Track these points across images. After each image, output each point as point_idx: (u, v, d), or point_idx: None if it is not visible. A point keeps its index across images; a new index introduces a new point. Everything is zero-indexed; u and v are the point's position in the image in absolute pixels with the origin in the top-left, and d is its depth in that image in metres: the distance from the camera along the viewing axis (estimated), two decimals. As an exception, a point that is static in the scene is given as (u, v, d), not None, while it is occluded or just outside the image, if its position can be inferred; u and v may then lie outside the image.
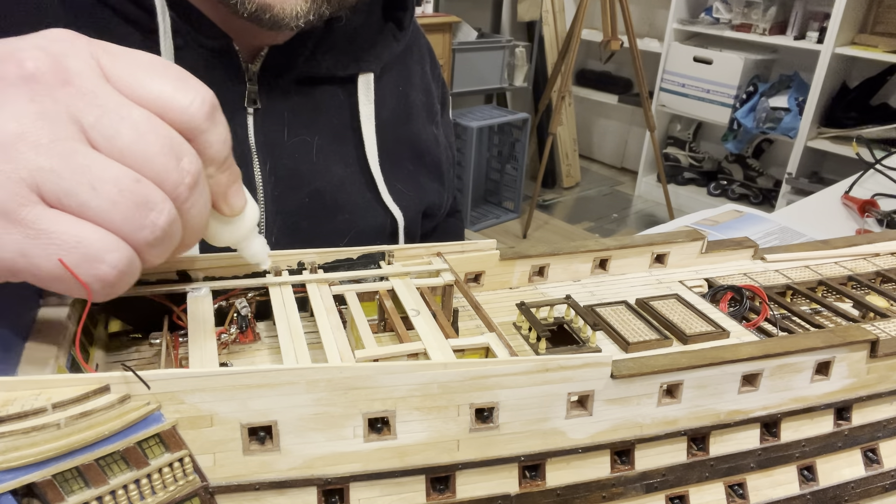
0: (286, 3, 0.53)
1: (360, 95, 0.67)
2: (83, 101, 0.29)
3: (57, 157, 0.27)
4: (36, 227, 0.27)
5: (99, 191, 0.28)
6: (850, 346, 0.45)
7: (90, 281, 0.29)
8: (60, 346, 0.36)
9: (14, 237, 0.27)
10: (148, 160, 0.30)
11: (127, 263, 0.30)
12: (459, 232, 0.91)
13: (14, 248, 0.27)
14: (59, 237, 0.28)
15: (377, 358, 0.38)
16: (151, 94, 0.30)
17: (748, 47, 3.22)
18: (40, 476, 0.28)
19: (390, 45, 0.69)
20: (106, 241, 0.29)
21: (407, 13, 0.71)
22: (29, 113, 0.27)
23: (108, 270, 0.29)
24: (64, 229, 0.28)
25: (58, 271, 0.28)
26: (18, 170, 0.27)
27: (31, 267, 0.28)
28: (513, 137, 3.30)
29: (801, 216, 1.18)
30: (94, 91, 0.29)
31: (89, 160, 0.28)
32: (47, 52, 0.29)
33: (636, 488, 0.42)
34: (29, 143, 0.27)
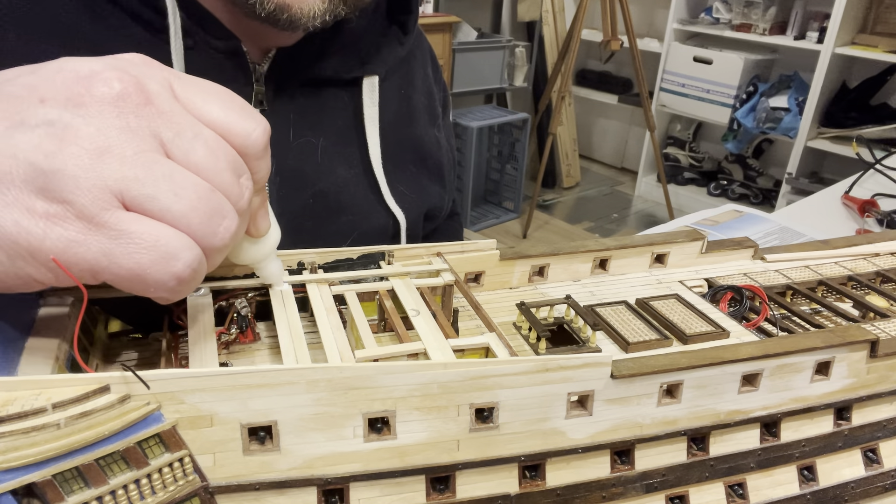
0: (304, 4, 0.54)
1: (365, 98, 0.67)
2: (162, 119, 0.31)
3: (140, 166, 0.30)
4: (117, 229, 0.30)
5: (180, 197, 0.31)
6: (850, 346, 0.45)
7: (164, 279, 0.31)
8: (60, 347, 0.36)
9: (97, 238, 0.29)
10: (216, 174, 0.32)
11: (199, 263, 0.32)
12: (459, 234, 0.91)
13: (98, 249, 0.29)
14: (139, 237, 0.30)
15: (377, 358, 0.38)
16: (218, 119, 0.34)
17: (748, 47, 3.22)
18: (40, 476, 0.28)
19: (395, 48, 0.70)
20: (182, 241, 0.31)
21: (411, 17, 0.71)
22: (115, 128, 0.30)
23: (182, 268, 0.31)
24: (143, 230, 0.30)
25: (137, 269, 0.30)
26: (104, 178, 0.29)
27: (112, 265, 0.30)
28: (513, 137, 3.30)
29: (801, 216, 1.18)
30: (172, 111, 0.32)
31: (171, 170, 0.31)
32: (130, 75, 0.31)
33: (636, 488, 0.42)
34: (115, 154, 0.30)
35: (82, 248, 0.29)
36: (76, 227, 0.29)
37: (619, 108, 3.93)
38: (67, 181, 0.29)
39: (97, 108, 0.30)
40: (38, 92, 0.30)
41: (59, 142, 0.29)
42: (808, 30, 2.99)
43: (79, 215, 0.29)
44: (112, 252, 0.30)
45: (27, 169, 0.29)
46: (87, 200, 0.29)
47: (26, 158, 0.29)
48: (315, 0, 0.54)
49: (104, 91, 0.30)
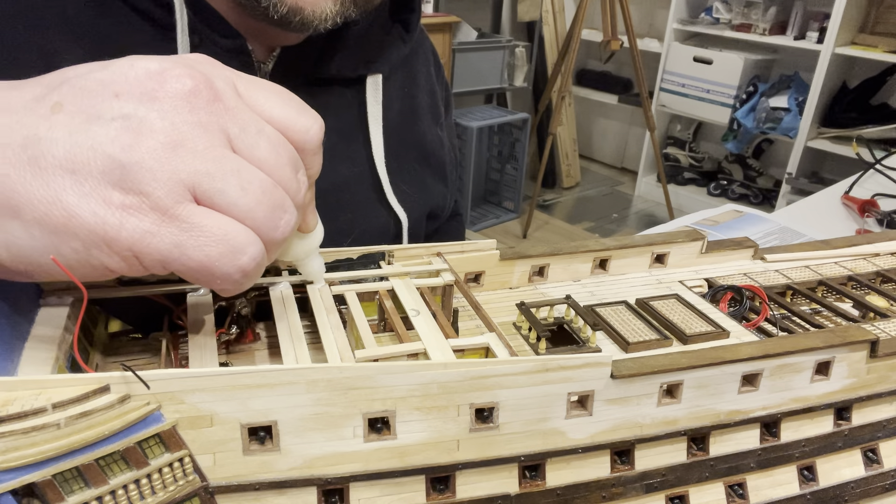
0: (317, 6, 0.54)
1: (369, 96, 0.67)
2: (229, 116, 0.32)
3: (211, 161, 0.31)
4: (189, 222, 0.31)
5: (247, 191, 0.32)
6: (850, 346, 0.45)
7: (230, 271, 0.32)
8: (60, 346, 0.36)
9: (170, 230, 0.30)
10: (278, 169, 0.33)
11: (262, 257, 0.33)
12: (460, 235, 0.91)
13: (170, 240, 0.30)
14: (207, 230, 0.31)
15: (377, 358, 0.38)
16: (278, 116, 0.35)
17: (748, 47, 3.22)
18: (40, 476, 0.28)
19: (398, 46, 0.70)
20: (247, 235, 0.32)
21: (414, 15, 0.71)
22: (188, 123, 0.31)
23: (248, 261, 0.32)
24: (213, 224, 0.31)
25: (206, 261, 0.31)
26: (178, 172, 0.30)
27: (183, 257, 0.31)
28: (513, 137, 3.30)
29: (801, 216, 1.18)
30: (237, 108, 0.33)
31: (239, 165, 0.32)
32: (200, 72, 0.32)
33: (636, 488, 0.42)
34: (188, 148, 0.31)
35: (156, 239, 0.30)
36: (151, 218, 0.30)
37: (619, 108, 3.93)
38: (144, 174, 0.30)
39: (170, 103, 0.31)
40: (113, 87, 0.31)
41: (135, 135, 0.30)
42: (808, 30, 2.99)
43: (153, 207, 0.30)
44: (184, 244, 0.31)
45: (105, 161, 0.29)
46: (163, 193, 0.30)
47: (104, 151, 0.29)
48: (327, 2, 0.55)
49: (177, 87, 0.31)
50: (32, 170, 0.29)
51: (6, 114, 0.30)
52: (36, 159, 0.29)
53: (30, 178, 0.29)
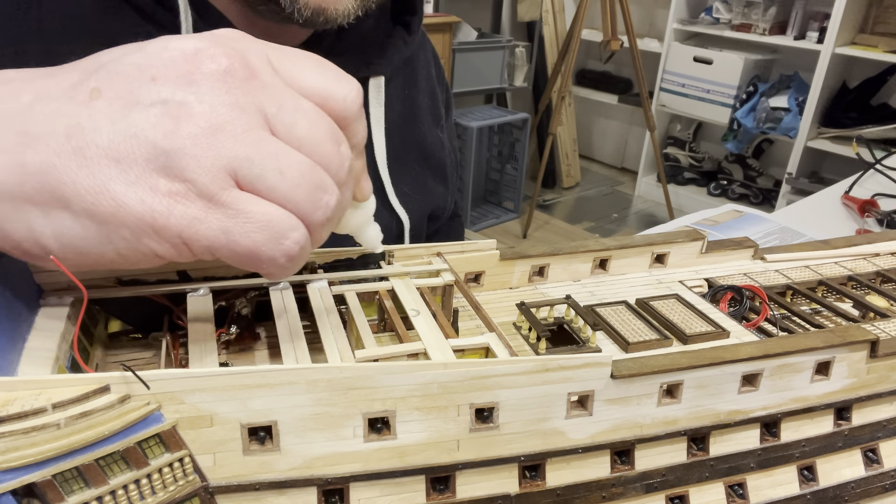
0: (339, 4, 0.55)
1: (371, 98, 0.68)
2: (265, 94, 0.32)
3: (250, 145, 0.31)
4: (235, 208, 0.30)
5: (285, 175, 0.31)
6: (850, 346, 0.45)
7: (276, 256, 0.32)
8: (60, 347, 0.36)
9: (217, 216, 0.30)
10: (318, 146, 0.33)
11: (306, 240, 0.33)
12: (460, 235, 0.91)
13: (217, 226, 0.30)
14: (252, 216, 0.31)
15: (377, 358, 0.38)
16: (314, 87, 0.34)
17: (748, 47, 3.22)
18: (40, 476, 0.28)
19: (400, 48, 0.70)
20: (290, 220, 0.32)
21: (416, 17, 0.71)
22: (226, 104, 0.30)
23: (291, 246, 0.32)
24: (257, 209, 0.31)
25: (252, 247, 0.31)
26: (220, 157, 0.30)
27: (230, 243, 0.31)
28: (513, 137, 3.30)
29: (801, 216, 1.18)
30: (273, 84, 0.32)
31: (276, 147, 0.31)
32: (234, 49, 0.32)
33: (636, 488, 0.42)
34: (228, 133, 0.30)
35: (203, 226, 0.30)
36: (198, 205, 0.30)
37: (619, 108, 3.93)
38: (189, 160, 0.29)
39: (208, 84, 0.30)
40: (149, 71, 0.30)
41: (175, 120, 0.30)
42: (808, 30, 2.99)
43: (200, 194, 0.30)
44: (231, 230, 0.31)
45: (148, 148, 0.29)
46: (208, 179, 0.30)
47: (146, 138, 0.29)
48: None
49: (213, 67, 0.31)
50: (78, 160, 0.29)
51: (45, 102, 0.30)
52: (81, 149, 0.29)
53: (75, 168, 0.29)
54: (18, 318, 0.37)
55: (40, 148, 0.29)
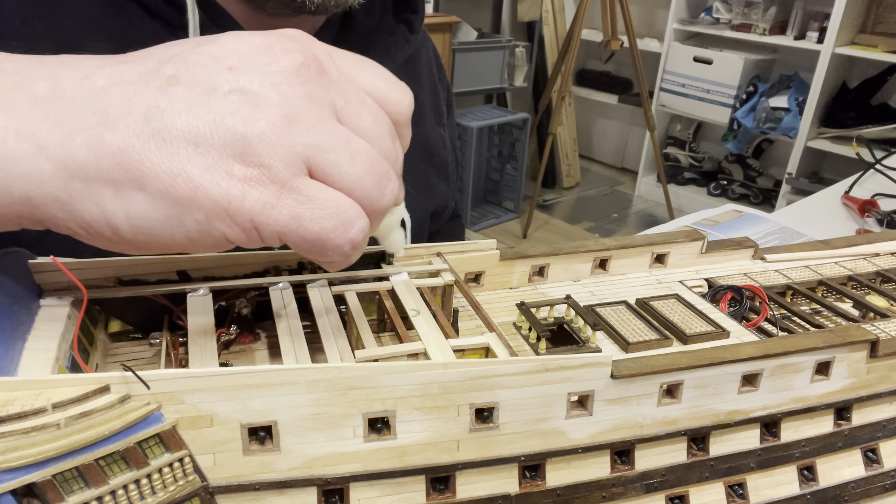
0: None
1: None
2: (334, 88, 0.33)
3: (323, 133, 0.32)
4: (306, 194, 0.31)
5: (356, 161, 0.32)
6: (850, 346, 0.45)
7: (342, 243, 0.32)
8: (60, 347, 0.36)
9: (289, 202, 0.31)
10: (380, 139, 0.34)
11: (369, 228, 0.34)
12: (460, 236, 0.91)
13: (289, 212, 0.31)
14: (323, 203, 0.32)
15: (377, 358, 0.38)
16: (374, 88, 0.35)
17: (748, 47, 3.22)
18: (40, 476, 0.28)
19: (402, 46, 0.70)
20: (356, 209, 0.33)
21: (417, 16, 0.72)
22: (300, 95, 0.31)
23: (356, 234, 0.33)
24: (327, 196, 0.32)
25: (321, 233, 0.32)
26: (295, 145, 0.31)
27: (300, 229, 0.31)
28: (513, 137, 3.30)
29: (801, 216, 1.18)
30: (341, 80, 0.34)
31: (347, 136, 0.33)
32: (306, 46, 0.33)
33: (636, 488, 0.42)
34: (302, 122, 0.31)
35: (275, 211, 0.31)
36: (271, 190, 0.31)
37: (619, 108, 3.93)
38: (265, 147, 0.30)
39: (283, 76, 0.31)
40: (225, 61, 0.31)
41: (252, 108, 0.30)
42: (808, 30, 2.99)
43: (273, 179, 0.31)
44: (301, 216, 0.31)
45: (226, 134, 0.30)
46: (282, 166, 0.30)
47: (225, 123, 0.30)
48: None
49: (288, 61, 0.32)
50: (157, 142, 0.29)
51: (122, 86, 0.30)
52: (160, 132, 0.29)
53: (155, 149, 0.29)
54: (18, 318, 0.37)
55: (119, 128, 0.29)
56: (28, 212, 0.30)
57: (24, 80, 0.30)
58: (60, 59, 0.32)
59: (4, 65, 0.31)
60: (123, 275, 0.43)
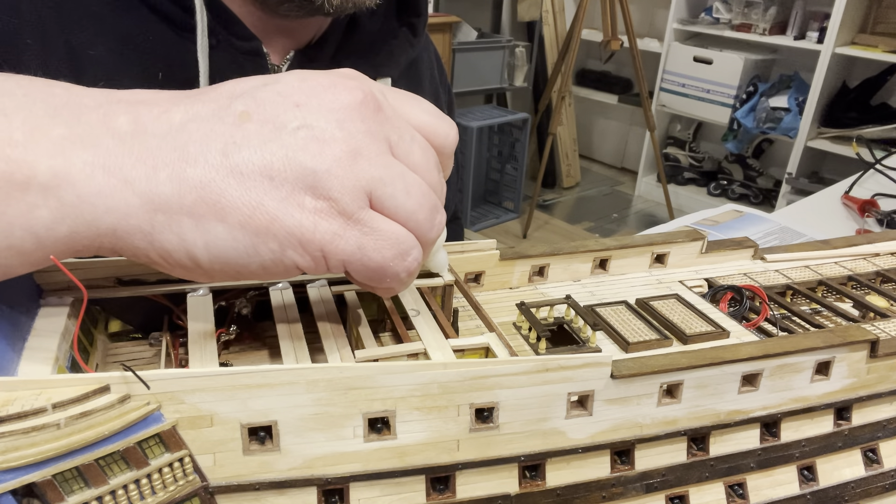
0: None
1: None
2: (389, 124, 0.35)
3: (383, 167, 0.33)
4: (369, 226, 0.33)
5: (411, 194, 0.34)
6: (850, 346, 0.45)
7: (399, 271, 0.34)
8: (60, 347, 0.36)
9: (354, 233, 0.33)
10: (428, 173, 0.36)
11: (421, 257, 0.36)
12: (459, 238, 0.92)
13: (354, 242, 0.33)
14: (384, 234, 0.33)
15: (377, 358, 0.38)
16: (423, 123, 0.37)
17: (748, 47, 3.22)
18: (40, 476, 0.28)
19: (406, 50, 0.71)
20: (412, 239, 0.35)
21: (420, 19, 0.72)
22: (362, 131, 0.33)
23: (412, 262, 0.35)
24: (387, 228, 0.34)
25: (382, 262, 0.34)
26: (360, 179, 0.33)
27: (364, 258, 0.33)
28: (513, 137, 3.30)
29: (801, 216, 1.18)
30: (393, 116, 0.35)
31: (402, 170, 0.34)
32: (365, 84, 0.35)
33: (636, 488, 0.42)
34: (365, 157, 0.33)
35: (343, 242, 0.33)
36: (338, 222, 0.32)
37: (619, 108, 3.93)
38: (333, 181, 0.32)
39: (345, 114, 0.33)
40: (292, 98, 0.33)
41: (320, 144, 0.32)
42: (808, 30, 2.99)
43: (341, 212, 0.32)
44: (365, 246, 0.33)
45: (297, 168, 0.31)
46: (349, 199, 0.32)
47: (296, 158, 0.31)
48: None
49: (349, 99, 0.33)
50: (236, 176, 0.31)
51: (198, 122, 0.32)
52: (238, 166, 0.31)
53: (234, 184, 0.31)
54: (19, 317, 0.37)
55: (199, 164, 0.31)
56: (110, 242, 0.32)
57: (106, 116, 0.31)
58: (135, 95, 0.33)
59: (85, 100, 0.32)
60: (123, 275, 0.43)
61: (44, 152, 0.30)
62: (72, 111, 0.31)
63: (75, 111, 0.31)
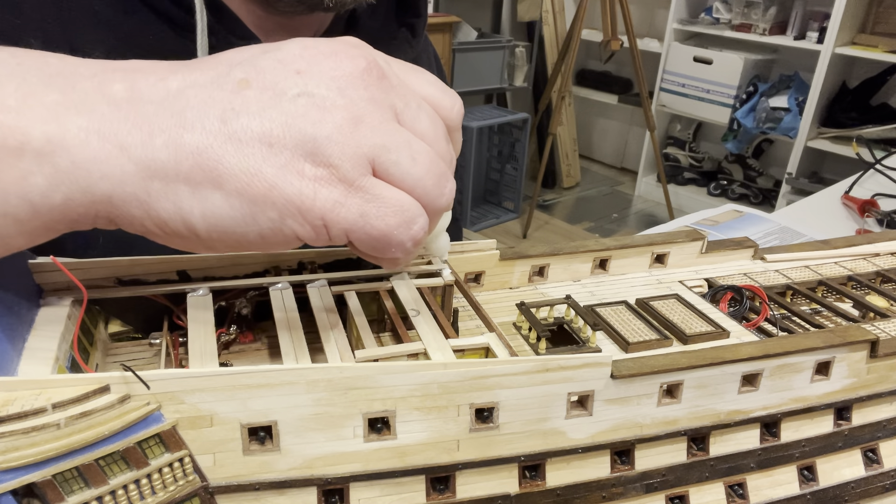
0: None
1: None
2: (394, 92, 0.34)
3: (386, 134, 0.33)
4: (372, 193, 0.33)
5: (417, 161, 0.34)
6: (850, 346, 0.45)
7: (405, 240, 0.34)
8: (60, 347, 0.36)
9: (356, 201, 0.32)
10: (437, 141, 0.35)
11: (427, 226, 0.35)
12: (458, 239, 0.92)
13: (357, 210, 0.32)
14: (387, 201, 0.33)
15: (377, 358, 0.38)
16: (429, 93, 0.37)
17: (748, 47, 3.22)
18: (40, 476, 0.28)
19: (405, 51, 0.71)
20: (417, 206, 0.34)
21: (420, 20, 0.72)
22: (364, 98, 0.33)
23: (418, 230, 0.34)
24: (391, 195, 0.33)
25: (386, 230, 0.33)
26: (361, 146, 0.32)
27: (367, 226, 0.33)
28: (513, 137, 3.30)
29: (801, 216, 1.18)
30: (399, 84, 0.35)
31: (408, 137, 0.34)
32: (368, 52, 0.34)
33: (636, 488, 0.42)
34: (367, 124, 0.32)
35: (344, 210, 0.32)
36: (339, 189, 0.32)
37: (619, 108, 3.93)
38: (333, 147, 0.31)
39: (347, 81, 0.33)
40: (293, 65, 0.32)
41: (321, 111, 0.32)
42: (808, 30, 2.99)
43: (342, 179, 0.32)
44: (368, 214, 0.33)
45: (297, 135, 0.31)
46: (350, 165, 0.32)
47: (296, 125, 0.31)
48: None
49: (352, 66, 0.33)
50: (234, 143, 0.31)
51: (196, 89, 0.31)
52: (236, 133, 0.31)
53: (232, 150, 0.31)
54: (19, 317, 0.37)
55: (196, 130, 0.30)
56: (106, 210, 0.31)
57: (102, 83, 0.31)
58: (132, 64, 0.33)
59: (80, 69, 0.32)
60: (123, 275, 0.43)
61: (37, 118, 0.29)
62: (66, 79, 0.31)
63: (70, 79, 0.31)
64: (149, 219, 0.31)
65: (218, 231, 0.32)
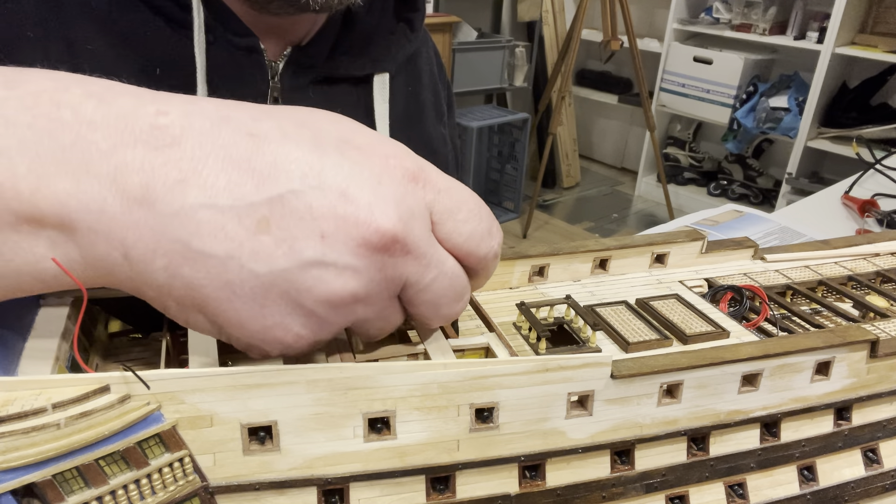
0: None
1: (376, 94, 0.69)
2: (415, 264, 0.34)
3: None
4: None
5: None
6: (850, 346, 0.45)
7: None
8: (60, 347, 0.36)
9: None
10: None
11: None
12: None
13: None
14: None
15: (377, 358, 0.38)
16: (462, 243, 0.36)
17: (748, 47, 3.22)
18: (40, 476, 0.28)
19: (403, 45, 0.71)
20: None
21: (418, 14, 0.72)
22: (375, 280, 0.33)
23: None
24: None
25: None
26: (347, 320, 0.34)
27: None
28: (513, 137, 3.30)
29: (801, 216, 1.18)
30: (426, 254, 0.34)
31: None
32: (406, 221, 0.33)
33: (636, 488, 0.42)
34: (362, 303, 0.33)
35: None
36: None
37: (619, 108, 3.93)
38: (325, 328, 0.33)
39: (368, 260, 0.32)
40: (321, 224, 0.30)
41: (327, 287, 0.31)
42: (808, 30, 2.99)
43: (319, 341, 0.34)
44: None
45: (292, 305, 0.32)
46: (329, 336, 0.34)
47: (298, 298, 0.31)
48: None
49: (377, 243, 0.31)
50: (227, 292, 0.31)
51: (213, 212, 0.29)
52: (233, 285, 0.30)
53: (223, 298, 0.31)
54: (18, 317, 0.37)
55: (198, 265, 0.30)
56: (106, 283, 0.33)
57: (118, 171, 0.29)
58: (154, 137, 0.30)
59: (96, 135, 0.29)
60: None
61: (49, 208, 0.29)
62: (82, 154, 0.29)
63: (85, 155, 0.29)
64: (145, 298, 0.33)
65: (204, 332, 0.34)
